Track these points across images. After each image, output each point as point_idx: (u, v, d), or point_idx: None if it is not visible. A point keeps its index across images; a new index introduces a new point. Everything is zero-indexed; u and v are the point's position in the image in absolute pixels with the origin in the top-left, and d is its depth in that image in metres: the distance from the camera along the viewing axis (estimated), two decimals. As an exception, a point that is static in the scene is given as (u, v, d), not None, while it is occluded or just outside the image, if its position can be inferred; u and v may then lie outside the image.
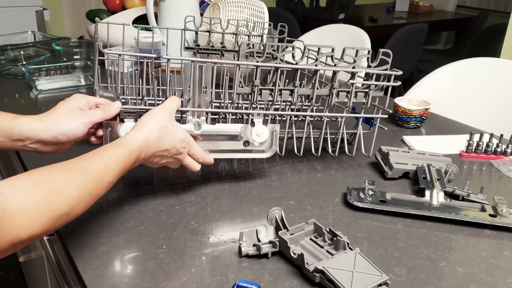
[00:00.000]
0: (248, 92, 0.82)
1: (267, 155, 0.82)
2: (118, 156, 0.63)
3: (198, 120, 0.78)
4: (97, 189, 0.59)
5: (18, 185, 0.52)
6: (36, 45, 1.68)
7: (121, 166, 0.63)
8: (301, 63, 0.83)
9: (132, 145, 0.66)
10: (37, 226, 0.51)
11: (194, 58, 0.77)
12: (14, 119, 0.70)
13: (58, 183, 0.55)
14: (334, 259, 0.61)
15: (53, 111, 0.72)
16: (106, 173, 0.61)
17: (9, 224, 0.48)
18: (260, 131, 0.80)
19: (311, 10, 3.71)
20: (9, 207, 0.49)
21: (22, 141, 0.69)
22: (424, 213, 0.76)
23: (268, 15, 1.32)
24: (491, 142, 1.01)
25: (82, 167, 0.59)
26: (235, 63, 0.79)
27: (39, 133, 0.69)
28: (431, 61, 3.51)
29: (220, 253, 0.66)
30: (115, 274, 0.61)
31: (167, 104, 0.73)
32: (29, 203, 0.51)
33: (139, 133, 0.67)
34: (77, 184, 0.57)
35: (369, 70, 0.87)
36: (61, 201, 0.54)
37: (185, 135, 0.73)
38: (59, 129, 0.70)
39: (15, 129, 0.69)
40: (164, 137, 0.70)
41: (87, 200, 0.58)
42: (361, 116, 0.92)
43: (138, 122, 0.70)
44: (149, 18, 1.48)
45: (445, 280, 0.63)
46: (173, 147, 0.71)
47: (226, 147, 0.80)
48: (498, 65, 1.40)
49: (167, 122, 0.70)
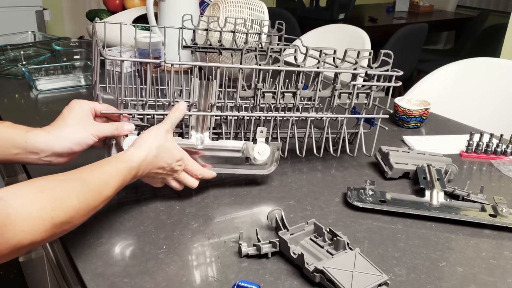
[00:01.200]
0: (251, 95, 0.82)
1: (267, 172, 0.83)
2: (118, 171, 0.64)
3: (201, 136, 0.79)
4: (95, 201, 0.60)
5: (22, 192, 0.53)
6: (36, 45, 1.68)
7: (120, 181, 0.64)
8: (303, 64, 0.83)
9: (133, 162, 0.67)
10: (38, 233, 0.52)
11: (196, 63, 0.77)
12: (27, 131, 0.70)
13: (60, 192, 0.56)
14: (334, 259, 0.61)
15: (62, 122, 0.72)
16: (105, 186, 0.62)
17: (13, 230, 0.49)
18: (262, 149, 0.81)
19: (311, 10, 3.71)
20: (13, 213, 0.49)
21: (37, 154, 0.70)
22: (424, 213, 0.76)
23: (268, 15, 1.32)
24: (491, 142, 1.01)
25: (83, 178, 0.60)
26: (239, 66, 0.79)
27: (53, 145, 0.70)
28: (431, 61, 3.51)
29: (220, 253, 0.66)
30: (115, 274, 0.61)
31: (165, 123, 0.73)
32: (32, 210, 0.52)
33: (140, 151, 0.68)
34: (78, 194, 0.57)
35: (370, 71, 0.87)
36: (62, 210, 0.55)
37: (181, 154, 0.74)
38: (72, 140, 0.71)
39: (29, 142, 0.69)
40: (161, 156, 0.71)
41: (86, 211, 0.59)
42: (362, 116, 0.92)
43: (138, 138, 0.71)
44: (149, 18, 1.48)
45: (445, 280, 0.63)
46: (168, 165, 0.73)
47: (227, 162, 0.81)
48: (498, 65, 1.40)
49: (165, 140, 0.72)
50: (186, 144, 0.77)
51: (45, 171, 0.86)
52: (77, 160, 0.89)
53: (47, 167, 0.86)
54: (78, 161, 0.89)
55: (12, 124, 0.71)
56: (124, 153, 0.68)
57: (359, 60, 0.86)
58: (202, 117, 0.78)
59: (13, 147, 0.69)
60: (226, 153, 0.80)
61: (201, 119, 0.78)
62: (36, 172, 0.85)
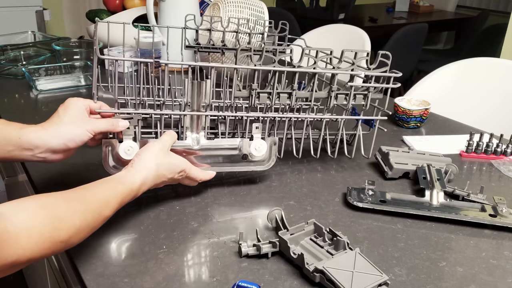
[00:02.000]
0: (246, 95, 0.82)
1: (266, 167, 0.83)
2: (119, 193, 0.64)
3: (197, 136, 0.79)
4: (95, 222, 0.60)
5: (23, 207, 0.53)
6: (36, 45, 1.68)
7: (119, 202, 0.64)
8: (299, 65, 0.83)
9: (133, 183, 0.67)
10: (37, 250, 0.52)
11: (193, 63, 0.77)
12: (21, 128, 0.70)
13: (62, 211, 0.56)
14: (334, 259, 0.61)
15: (57, 119, 0.72)
16: (106, 206, 0.62)
17: (11, 246, 0.49)
18: (259, 145, 0.81)
19: (311, 10, 3.71)
20: (12, 230, 0.49)
21: (31, 150, 0.70)
22: (424, 213, 0.76)
23: (268, 15, 1.32)
24: (491, 142, 1.01)
25: (85, 198, 0.60)
26: (234, 66, 0.79)
27: (48, 141, 0.70)
28: (431, 61, 3.52)
29: (220, 253, 0.66)
30: (115, 274, 0.61)
31: (163, 140, 0.74)
32: (33, 226, 0.51)
33: (139, 174, 0.68)
34: (79, 214, 0.58)
35: (368, 72, 0.86)
36: (62, 229, 0.55)
37: (182, 165, 0.74)
38: (67, 136, 0.71)
39: (24, 139, 0.69)
40: (162, 173, 0.71)
41: (85, 231, 0.59)
42: (360, 118, 0.92)
43: (137, 157, 0.71)
44: (149, 18, 1.48)
45: (445, 280, 0.63)
46: (169, 179, 0.73)
47: (224, 160, 0.81)
48: (498, 65, 1.40)
49: (163, 157, 0.72)
50: (182, 145, 0.78)
51: (45, 170, 0.86)
52: (77, 159, 0.89)
53: (47, 166, 0.86)
54: (77, 161, 0.89)
55: (6, 121, 0.71)
56: (125, 174, 0.68)
57: (356, 61, 0.86)
58: (197, 117, 0.78)
59: (7, 144, 0.69)
60: (223, 152, 0.80)
61: (195, 119, 0.78)
62: (36, 172, 0.85)
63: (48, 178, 0.85)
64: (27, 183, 1.21)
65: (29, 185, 1.19)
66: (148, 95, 1.05)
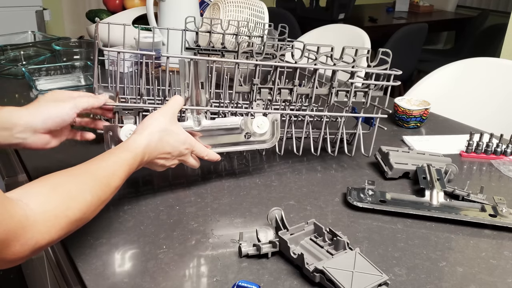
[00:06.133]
0: (247, 90, 0.82)
1: (269, 145, 0.82)
2: (124, 161, 0.64)
3: (198, 116, 0.78)
4: (105, 194, 0.60)
5: (35, 191, 0.53)
6: (36, 45, 1.68)
7: (126, 171, 0.64)
8: (300, 62, 0.83)
9: (136, 148, 0.66)
10: (55, 232, 0.52)
11: (193, 56, 0.78)
12: (1, 108, 0.69)
13: (73, 189, 0.56)
14: (334, 259, 0.61)
15: (42, 100, 0.71)
16: (113, 177, 0.62)
17: (32, 231, 0.49)
18: (261, 122, 0.80)
19: (311, 10, 3.71)
20: (31, 214, 0.50)
21: (9, 129, 0.68)
22: (424, 213, 0.76)
23: (268, 15, 1.32)
24: (491, 142, 1.01)
25: (91, 172, 0.60)
26: (235, 61, 0.79)
27: (28, 120, 0.69)
28: (431, 61, 3.52)
29: (220, 253, 0.66)
30: (115, 274, 0.61)
31: (169, 106, 0.73)
32: (48, 209, 0.52)
33: (141, 136, 0.68)
34: (89, 189, 0.58)
35: (368, 69, 0.86)
36: (76, 207, 0.55)
37: (187, 136, 0.73)
38: (48, 114, 0.70)
39: (3, 115, 0.68)
40: (166, 139, 0.70)
41: (97, 205, 0.59)
42: (360, 116, 0.92)
43: (140, 125, 0.70)
44: (149, 18, 1.48)
45: (445, 280, 0.63)
46: (175, 149, 0.72)
47: (227, 141, 0.80)
48: (498, 65, 1.40)
49: (168, 124, 0.71)
50: (183, 126, 0.76)
51: (45, 170, 0.86)
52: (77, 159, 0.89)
53: (47, 166, 0.86)
54: (77, 161, 0.89)
55: None
56: (127, 141, 0.67)
57: (357, 58, 0.86)
58: (196, 101, 0.77)
59: None
60: (225, 132, 0.79)
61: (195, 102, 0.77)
62: (36, 172, 0.85)
63: (48, 178, 0.85)
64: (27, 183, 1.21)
65: (29, 185, 1.19)
66: (148, 95, 1.05)
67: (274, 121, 0.81)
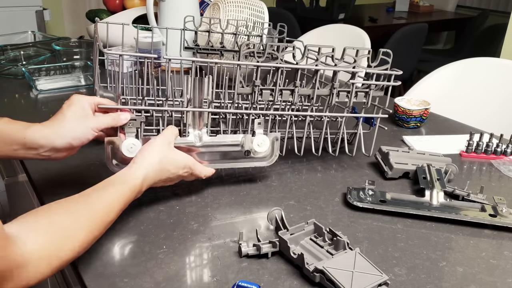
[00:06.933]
0: (248, 92, 0.82)
1: (268, 163, 0.83)
2: (122, 193, 0.65)
3: (199, 132, 0.79)
4: (99, 230, 0.61)
5: (32, 228, 0.53)
6: (36, 45, 1.68)
7: (123, 204, 0.65)
8: (301, 63, 0.83)
9: (135, 180, 0.67)
10: (46, 272, 0.53)
11: (194, 58, 0.77)
12: (26, 128, 0.70)
13: (69, 228, 0.57)
14: (334, 259, 0.61)
15: (61, 117, 0.72)
16: (110, 213, 0.62)
17: (27, 271, 0.50)
18: (261, 141, 0.81)
19: (311, 10, 3.71)
20: (27, 253, 0.50)
21: (36, 149, 0.70)
22: (424, 213, 0.76)
23: (268, 15, 1.32)
24: (491, 142, 1.01)
25: (90, 208, 0.61)
26: (236, 63, 0.79)
27: (53, 140, 0.70)
28: (431, 61, 3.51)
29: (220, 253, 0.66)
30: (115, 274, 0.61)
31: (165, 135, 0.74)
32: (43, 250, 0.53)
33: (141, 167, 0.69)
34: (85, 228, 0.58)
35: (369, 70, 0.86)
36: (69, 248, 0.56)
37: (186, 161, 0.74)
38: (71, 135, 0.71)
39: (29, 138, 0.69)
40: (165, 167, 0.71)
41: (90, 242, 0.60)
42: (361, 116, 0.92)
43: (139, 153, 0.71)
44: (149, 18, 1.48)
45: (445, 280, 0.63)
46: (174, 174, 0.73)
47: (228, 157, 0.81)
48: (498, 65, 1.40)
49: (166, 152, 0.72)
50: (185, 142, 0.77)
51: (45, 170, 0.86)
52: (77, 159, 0.89)
53: (47, 166, 0.86)
54: (77, 161, 0.89)
55: (11, 120, 0.71)
56: (127, 172, 0.68)
57: (358, 59, 0.86)
58: (198, 113, 0.78)
59: (12, 143, 0.69)
60: (226, 148, 0.80)
61: (197, 116, 0.78)
62: (36, 172, 0.85)
63: (48, 178, 0.85)
64: (27, 183, 1.21)
65: (29, 185, 1.19)
66: (148, 95, 1.05)
67: (274, 141, 0.82)
